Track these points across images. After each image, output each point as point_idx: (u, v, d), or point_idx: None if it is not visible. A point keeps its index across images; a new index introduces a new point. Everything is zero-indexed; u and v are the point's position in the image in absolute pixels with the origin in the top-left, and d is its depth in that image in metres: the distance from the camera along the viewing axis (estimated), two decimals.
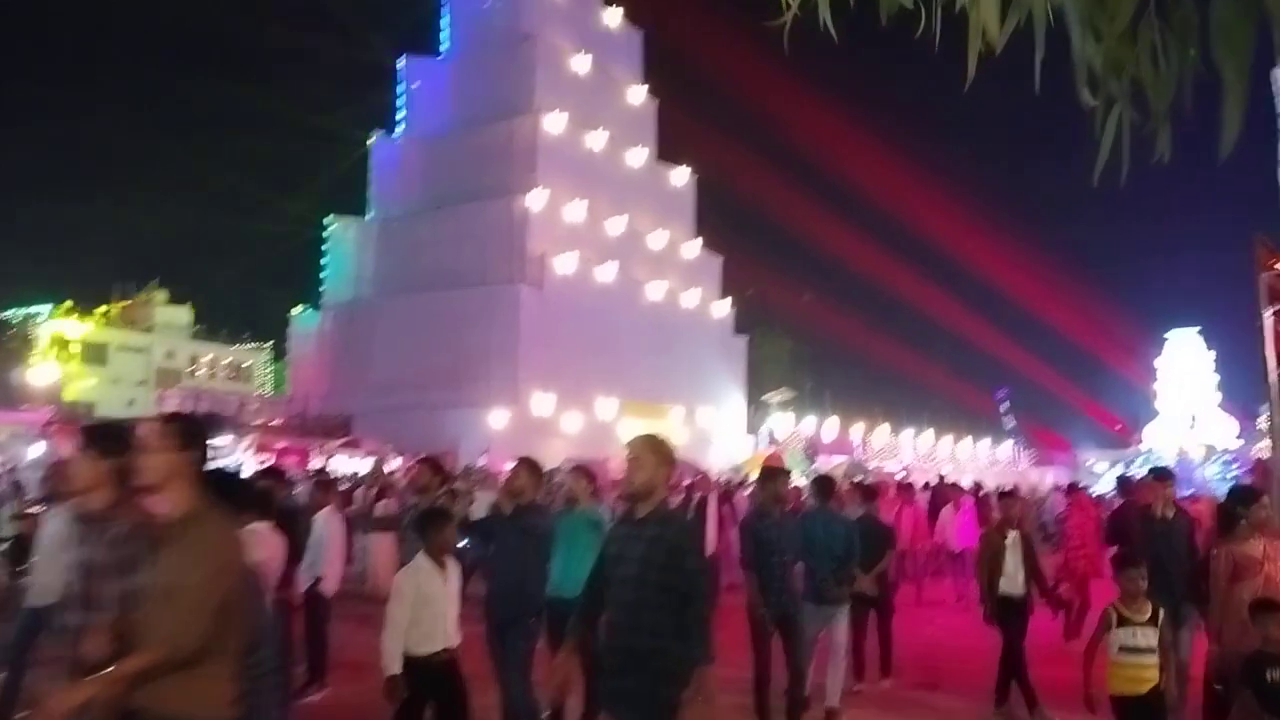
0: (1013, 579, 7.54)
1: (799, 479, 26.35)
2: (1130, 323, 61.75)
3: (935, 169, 69.87)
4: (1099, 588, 11.33)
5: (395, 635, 5.14)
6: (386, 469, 20.79)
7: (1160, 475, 7.30)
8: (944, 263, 67.18)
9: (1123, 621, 5.07)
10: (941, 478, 20.32)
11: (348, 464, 25.06)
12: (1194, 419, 51.59)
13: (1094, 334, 63.77)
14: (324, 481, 9.21)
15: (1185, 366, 53.86)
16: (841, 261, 60.23)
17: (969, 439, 53.99)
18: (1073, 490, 12.87)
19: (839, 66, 38.45)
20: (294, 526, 7.89)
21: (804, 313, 55.10)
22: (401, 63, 42.94)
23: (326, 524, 8.23)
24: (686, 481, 17.38)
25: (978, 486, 19.61)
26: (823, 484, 8.03)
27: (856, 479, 17.17)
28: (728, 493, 14.92)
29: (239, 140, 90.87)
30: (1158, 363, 55.19)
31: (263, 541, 7.11)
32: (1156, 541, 6.72)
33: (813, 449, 35.58)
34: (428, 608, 5.21)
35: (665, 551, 3.96)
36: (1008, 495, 8.52)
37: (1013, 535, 7.71)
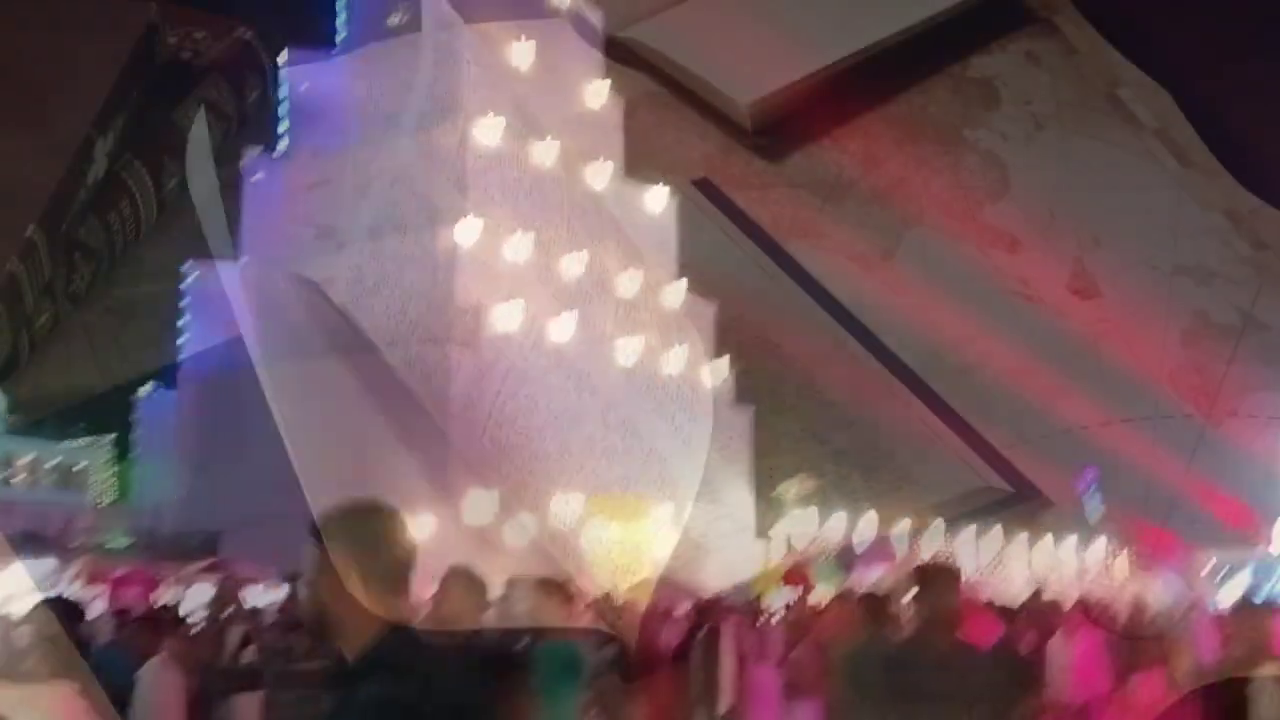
0: None
1: (828, 594, 25.53)
2: (1246, 376, 61.70)
3: (982, 181, 70.36)
4: None
5: None
6: (251, 598, 19.62)
7: None
8: (1004, 302, 66.75)
9: None
10: (1039, 591, 19.26)
11: (210, 595, 23.94)
12: None
13: (1199, 393, 63.62)
14: (149, 619, 8.20)
15: None
16: (870, 301, 59.87)
17: (1048, 537, 53.29)
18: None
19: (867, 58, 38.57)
20: (104, 688, 6.99)
21: (826, 372, 54.67)
22: (283, 59, 42.78)
23: (154, 683, 7.20)
24: (685, 608, 16.39)
25: (1085, 606, 18.52)
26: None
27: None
28: (752, 618, 14.07)
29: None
30: None
31: (57, 711, 6.07)
32: None
33: (848, 558, 34.79)
34: None
35: None
36: (1254, 611, 7.51)
37: (1267, 678, 6.68)
